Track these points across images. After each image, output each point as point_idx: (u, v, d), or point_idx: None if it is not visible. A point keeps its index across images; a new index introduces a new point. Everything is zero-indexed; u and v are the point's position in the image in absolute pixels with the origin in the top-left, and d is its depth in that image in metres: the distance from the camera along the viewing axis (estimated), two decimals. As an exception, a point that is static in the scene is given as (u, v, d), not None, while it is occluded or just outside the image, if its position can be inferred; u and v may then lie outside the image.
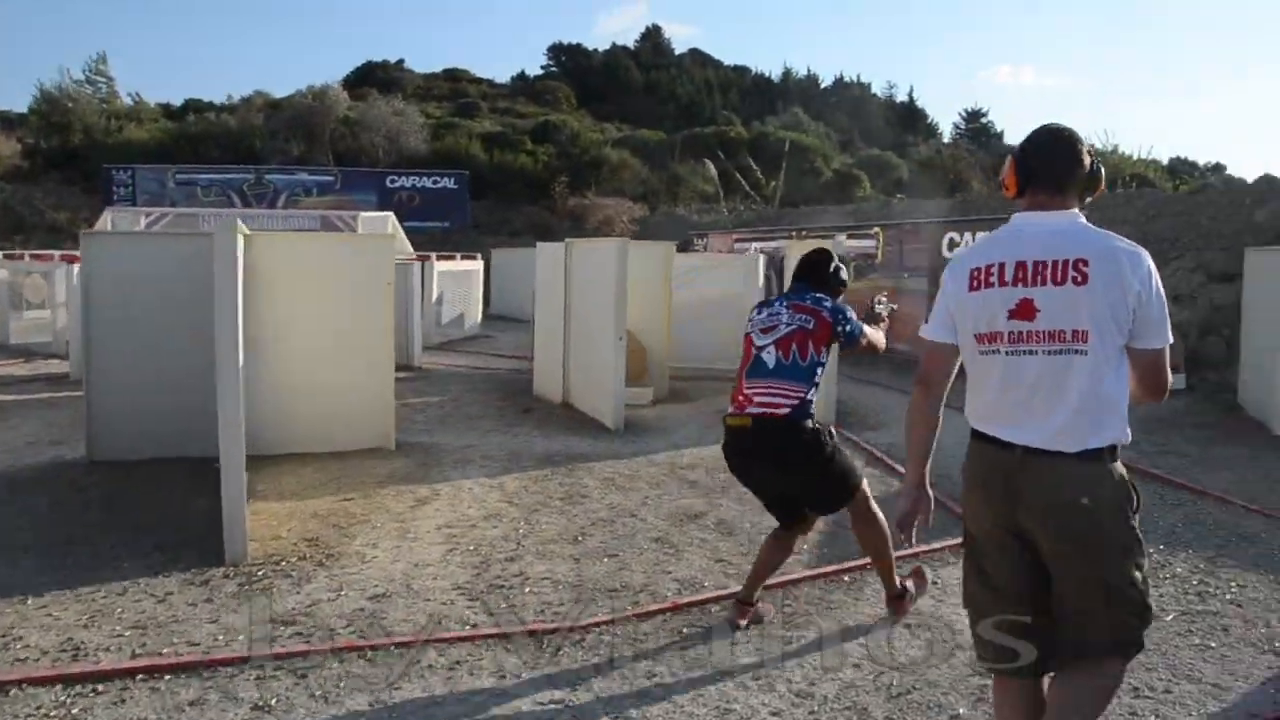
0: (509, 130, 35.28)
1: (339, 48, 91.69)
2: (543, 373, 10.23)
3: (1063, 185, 2.55)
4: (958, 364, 2.73)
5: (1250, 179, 16.89)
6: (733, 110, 46.77)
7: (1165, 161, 28.54)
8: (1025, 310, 2.46)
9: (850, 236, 14.25)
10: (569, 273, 9.44)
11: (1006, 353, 2.51)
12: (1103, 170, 2.64)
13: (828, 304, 4.12)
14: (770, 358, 3.99)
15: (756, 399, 3.95)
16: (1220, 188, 13.94)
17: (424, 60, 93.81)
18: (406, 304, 13.06)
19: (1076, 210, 2.56)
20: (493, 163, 31.21)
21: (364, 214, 17.57)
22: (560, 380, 9.66)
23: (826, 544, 5.29)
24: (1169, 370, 2.55)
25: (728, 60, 55.78)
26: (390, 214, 17.36)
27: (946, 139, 45.45)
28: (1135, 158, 22.28)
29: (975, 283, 2.56)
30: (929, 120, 50.62)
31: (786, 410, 3.90)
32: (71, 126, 30.49)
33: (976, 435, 2.65)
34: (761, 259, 11.71)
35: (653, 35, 56.51)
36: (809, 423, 3.93)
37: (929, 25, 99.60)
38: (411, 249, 18.73)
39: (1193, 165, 38.77)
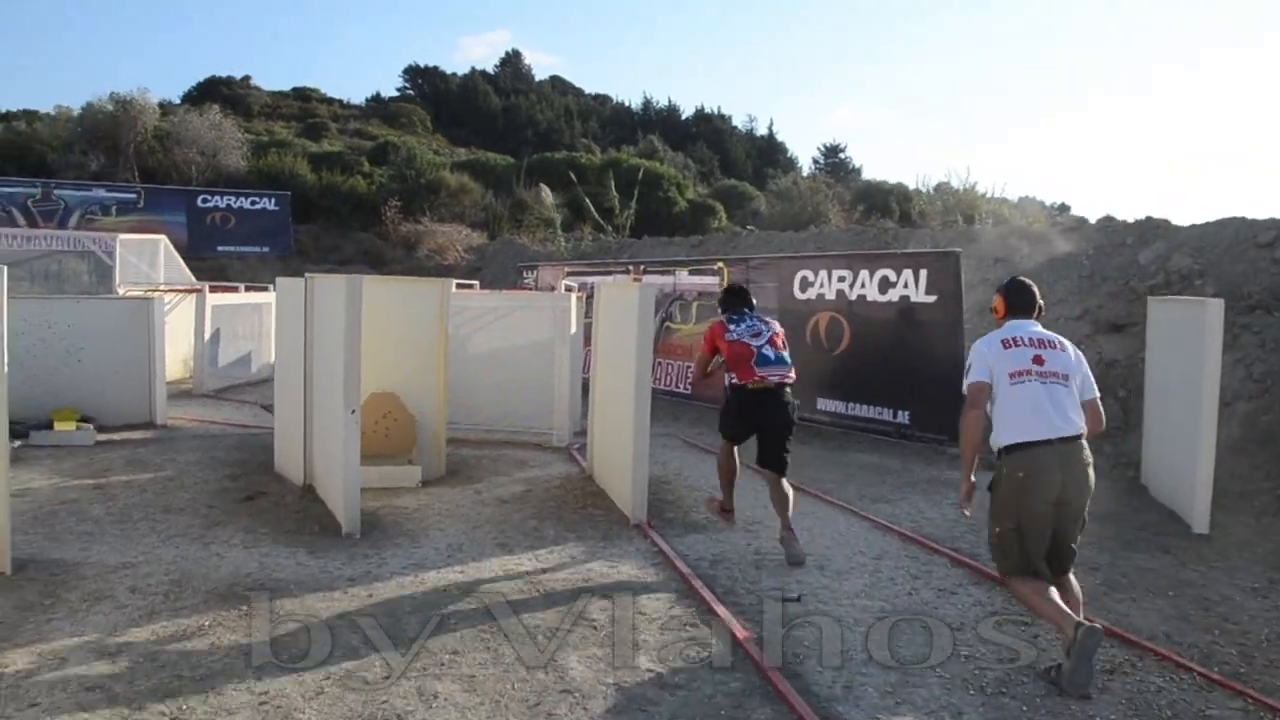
0: (348, 151, 32.51)
1: (181, 61, 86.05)
2: (284, 446, 7.82)
3: (1030, 310, 4.60)
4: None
5: (1093, 219, 15.55)
6: (592, 139, 45.27)
7: (1015, 200, 27.87)
8: (1039, 360, 4.35)
9: (692, 272, 12.22)
10: (309, 318, 7.14)
11: (1036, 377, 4.30)
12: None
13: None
14: (771, 351, 5.89)
15: (771, 376, 5.82)
16: (1094, 225, 12.59)
17: (275, 79, 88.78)
18: (149, 346, 10.63)
19: (1037, 321, 4.62)
20: (320, 183, 28.37)
21: (124, 236, 14.66)
22: (302, 457, 7.33)
23: None
24: (1102, 410, 4.46)
25: (589, 89, 54.45)
26: (162, 237, 14.66)
27: (806, 173, 44.70)
28: (989, 195, 21.33)
29: (1007, 345, 4.42)
30: (788, 154, 49.92)
31: (791, 380, 5.94)
32: None
33: (1013, 448, 4.25)
34: (574, 298, 9.35)
35: (512, 61, 54.75)
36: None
37: (787, 61, 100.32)
38: (192, 276, 16.09)
39: (1040, 203, 38.72)
